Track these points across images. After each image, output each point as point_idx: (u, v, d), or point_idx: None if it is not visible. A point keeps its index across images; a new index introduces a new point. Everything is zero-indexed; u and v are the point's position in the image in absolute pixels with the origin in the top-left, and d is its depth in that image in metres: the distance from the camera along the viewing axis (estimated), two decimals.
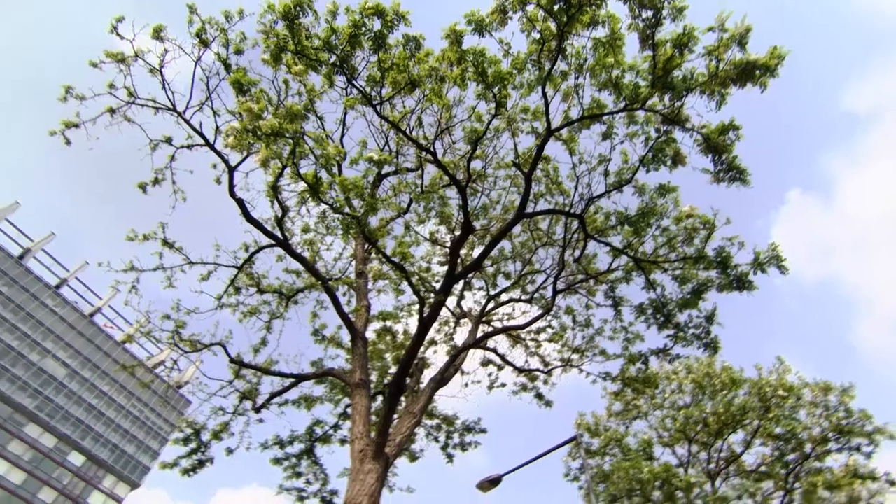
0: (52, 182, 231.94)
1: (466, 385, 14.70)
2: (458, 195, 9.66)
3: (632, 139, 9.91)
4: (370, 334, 12.38)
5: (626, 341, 12.58)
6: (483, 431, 14.68)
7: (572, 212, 10.81)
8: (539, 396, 14.51)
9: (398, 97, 9.13)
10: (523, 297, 14.61)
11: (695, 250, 10.34)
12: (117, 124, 9.03)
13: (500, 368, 14.81)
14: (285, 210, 9.61)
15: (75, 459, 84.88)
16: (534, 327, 14.27)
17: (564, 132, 10.28)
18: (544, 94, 8.92)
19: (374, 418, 10.26)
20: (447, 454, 14.46)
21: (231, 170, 9.09)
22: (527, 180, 9.61)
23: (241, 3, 8.99)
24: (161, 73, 8.84)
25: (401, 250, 9.49)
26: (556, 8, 8.04)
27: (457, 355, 12.08)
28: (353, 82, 8.68)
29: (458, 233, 11.53)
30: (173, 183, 9.40)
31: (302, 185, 9.07)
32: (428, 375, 12.63)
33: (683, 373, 20.49)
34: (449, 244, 12.95)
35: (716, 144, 8.81)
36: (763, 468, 19.98)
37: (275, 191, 8.93)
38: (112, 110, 9.00)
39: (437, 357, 14.28)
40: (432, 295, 10.86)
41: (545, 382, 14.61)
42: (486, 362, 14.96)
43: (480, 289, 15.19)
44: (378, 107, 8.88)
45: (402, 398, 11.28)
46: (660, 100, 8.85)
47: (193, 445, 11.15)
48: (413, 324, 13.37)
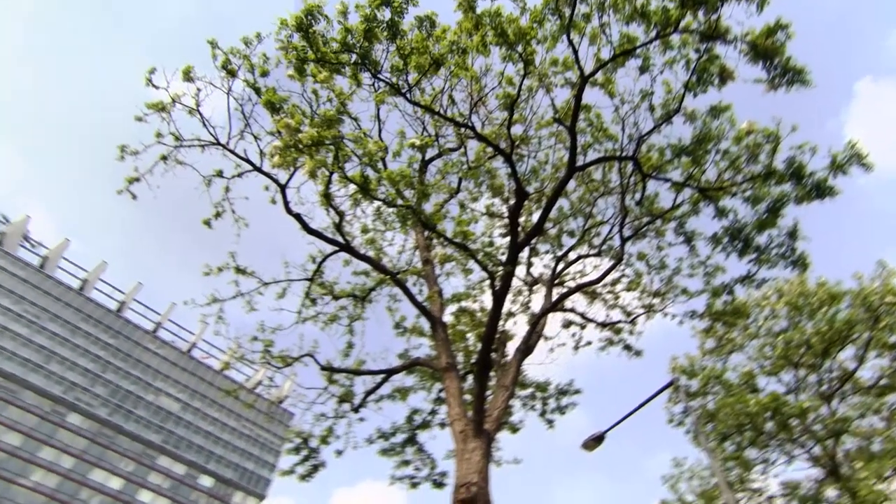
0: (121, 232, 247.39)
1: (552, 350, 14.63)
2: (506, 164, 9.53)
3: (671, 66, 9.39)
4: (448, 318, 12.52)
5: (707, 275, 12.09)
6: (577, 392, 14.59)
7: (624, 155, 10.43)
8: (627, 348, 14.25)
9: (425, 80, 9.07)
10: (591, 252, 14.31)
11: (762, 167, 9.73)
12: (171, 169, 9.48)
13: (583, 327, 14.62)
14: (341, 215, 9.83)
15: (205, 482, 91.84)
16: (608, 280, 13.97)
17: (599, 76, 9.89)
18: (570, 42, 8.60)
19: (467, 398, 10.42)
20: (546, 420, 14.50)
21: (283, 188, 9.37)
22: (571, 133, 9.34)
23: (256, 27, 9.17)
24: (199, 111, 9.19)
25: (460, 230, 9.50)
26: None
27: (536, 322, 12.02)
28: (379, 76, 8.70)
29: (512, 201, 11.41)
30: (233, 212, 9.80)
31: (352, 188, 9.23)
32: (512, 347, 12.65)
33: (775, 297, 19.46)
34: (506, 214, 12.84)
35: (764, 50, 8.19)
36: (884, 381, 18.76)
37: (327, 198, 9.13)
38: (164, 157, 9.45)
39: (517, 328, 14.30)
40: (500, 268, 10.83)
41: (631, 332, 14.32)
42: (567, 324, 14.80)
43: (547, 252, 14.99)
44: (407, 94, 8.86)
45: (492, 374, 11.37)
46: (693, 18, 8.33)
47: (305, 453, 11.74)
48: (487, 300, 13.41)
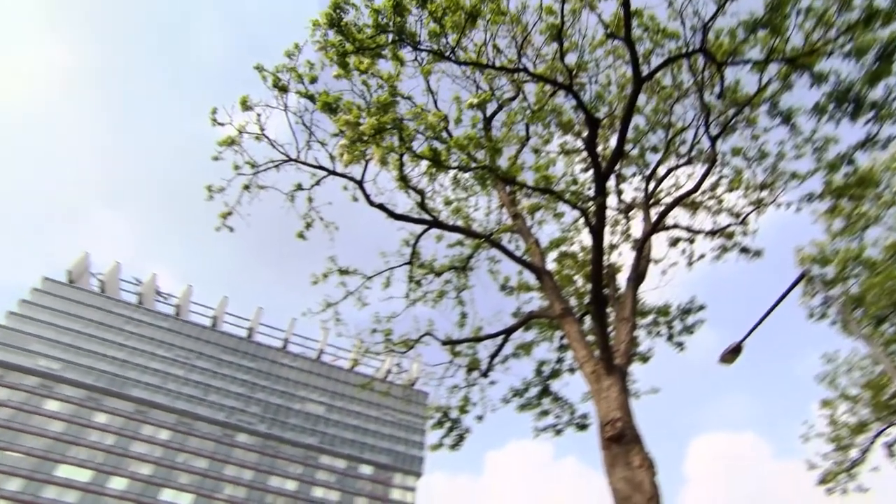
0: (230, 264, 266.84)
1: (664, 272, 14.04)
2: (568, 96, 9.14)
3: None
4: (551, 266, 12.39)
5: (817, 151, 10.95)
6: (701, 308, 13.96)
7: (691, 50, 9.62)
8: (744, 251, 13.36)
9: (465, 38, 8.87)
10: (681, 162, 13.46)
11: (860, 11, 8.56)
12: (255, 196, 10.03)
13: (691, 241, 13.89)
14: (422, 193, 9.97)
15: (366, 470, 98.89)
16: (706, 186, 13.10)
17: None
18: None
19: (590, 339, 10.31)
20: (675, 344, 14.03)
21: (360, 183, 9.64)
22: (628, 44, 8.75)
23: (292, 37, 9.38)
24: (265, 135, 9.61)
25: (541, 176, 9.30)
26: None
27: (641, 248, 11.59)
28: (419, 47, 8.61)
29: (585, 132, 10.96)
30: (321, 219, 10.24)
31: (424, 164, 9.30)
32: (623, 279, 12.30)
33: None
34: (583, 147, 12.37)
35: None
36: None
37: (404, 181, 9.28)
38: (247, 186, 10.00)
39: (623, 258, 13.85)
40: (590, 203, 10.50)
41: (744, 234, 13.39)
42: (674, 242, 14.13)
43: (634, 175, 14.31)
44: (451, 56, 8.72)
45: (609, 310, 11.15)
46: None
47: (448, 425, 12.23)
48: (586, 238, 13.10)
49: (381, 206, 9.78)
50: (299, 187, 10.04)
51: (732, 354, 10.56)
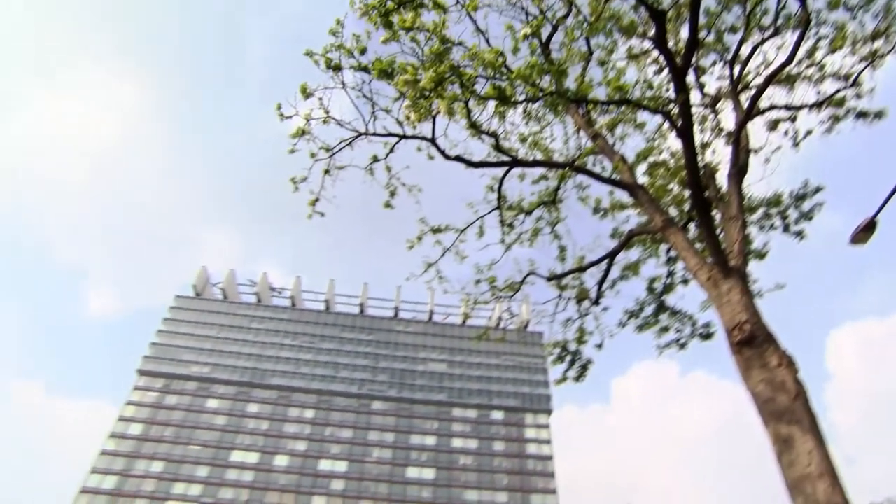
0: (327, 243, 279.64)
1: (768, 160, 12.88)
2: None
3: None
4: (643, 179, 11.81)
5: None
6: (819, 189, 12.69)
7: None
8: (861, 115, 11.82)
9: None
10: (767, 35, 12.08)
11: None
12: (335, 178, 10.33)
13: (794, 119, 12.54)
14: (495, 135, 9.80)
15: (497, 415, 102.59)
16: (801, 54, 11.69)
17: None
18: None
19: (699, 246, 9.80)
20: (794, 234, 12.94)
21: (432, 140, 9.64)
22: None
23: (332, 12, 9.39)
24: (331, 117, 9.81)
25: (613, 87, 8.78)
26: None
27: (737, 139, 10.69)
28: None
29: (651, 30, 10.15)
30: (403, 185, 10.40)
31: (491, 105, 9.11)
32: (724, 176, 11.48)
33: None
34: (652, 46, 11.49)
35: None
36: None
37: (475, 127, 9.15)
38: (327, 171, 10.33)
39: (719, 155, 12.86)
40: (672, 104, 9.81)
41: (858, 96, 11.85)
42: (773, 124, 12.85)
43: (714, 63, 13.09)
44: None
45: (714, 212, 10.51)
46: None
47: (568, 358, 12.26)
48: (675, 142, 12.31)
49: (458, 158, 9.74)
50: (375, 159, 10.21)
51: (865, 232, 9.55)
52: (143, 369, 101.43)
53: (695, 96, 12.95)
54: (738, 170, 10.31)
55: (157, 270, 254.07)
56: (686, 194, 12.30)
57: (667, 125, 10.04)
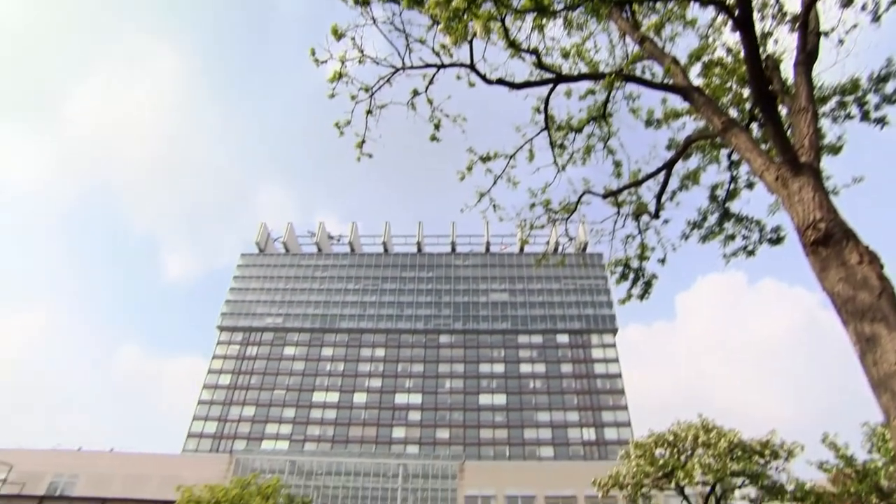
0: (379, 186, 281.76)
1: (841, 42, 11.67)
2: None
3: None
4: (698, 81, 11.05)
5: None
6: None
7: None
8: None
9: None
10: None
11: None
12: (377, 117, 10.22)
13: None
14: (536, 52, 9.33)
15: (562, 339, 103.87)
16: None
17: None
18: None
19: (764, 146, 9.18)
20: (874, 121, 11.84)
21: (471, 66, 9.31)
22: None
23: None
24: (366, 56, 9.60)
25: None
26: None
27: (804, 22, 9.70)
28: None
29: None
30: (447, 116, 10.19)
31: (529, 19, 8.63)
32: (789, 66, 10.55)
33: None
34: None
35: None
36: None
37: (514, 46, 8.73)
38: (369, 111, 10.22)
39: (783, 43, 11.76)
40: None
41: None
42: (847, 0, 11.56)
43: None
44: None
45: (780, 107, 9.75)
46: None
47: (631, 276, 12.06)
48: (731, 36, 11.36)
49: (500, 81, 9.38)
50: (415, 93, 10.01)
51: None
52: (222, 325, 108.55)
53: None
54: (807, 56, 9.44)
55: (222, 230, 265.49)
56: (747, 92, 11.46)
57: (722, 17, 9.24)
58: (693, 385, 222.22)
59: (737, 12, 7.99)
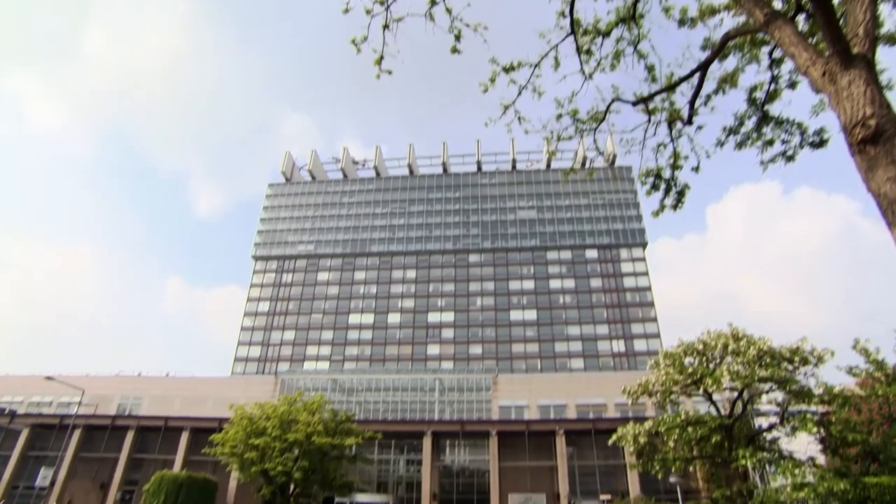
0: (400, 108, 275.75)
1: None
2: None
3: None
4: None
5: None
6: None
7: None
8: None
9: None
10: None
11: None
12: (395, 33, 9.73)
13: None
14: None
15: (591, 254, 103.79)
16: None
17: None
18: None
19: (810, 40, 8.49)
20: None
21: None
22: None
23: None
24: None
25: None
26: None
27: None
28: None
29: None
30: (467, 26, 9.63)
31: None
32: None
33: None
34: None
35: None
36: None
37: None
38: (385, 26, 9.73)
39: None
40: None
41: None
42: None
43: None
44: None
45: None
46: None
47: (663, 186, 11.69)
48: None
49: None
50: (433, 2, 9.46)
51: None
52: (256, 255, 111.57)
53: None
54: None
55: (247, 163, 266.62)
56: None
57: None
58: (724, 297, 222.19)
59: None
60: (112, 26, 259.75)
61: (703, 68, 10.36)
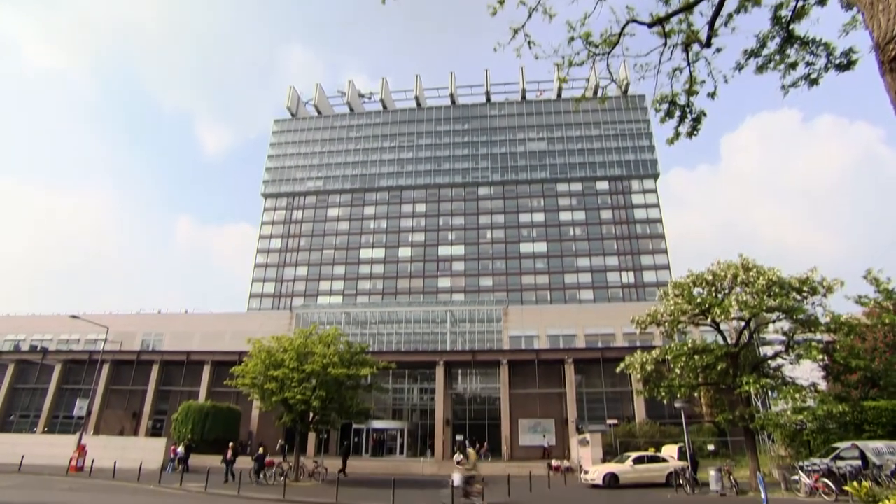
0: (405, 38, 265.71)
1: None
2: None
3: None
4: None
5: None
6: None
7: None
8: None
9: None
10: None
11: None
12: None
13: None
14: None
15: (602, 185, 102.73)
16: None
17: None
18: None
19: None
20: None
21: None
22: None
23: None
24: None
25: None
26: None
27: None
28: None
29: None
30: None
31: None
32: None
33: None
34: None
35: None
36: None
37: None
38: None
39: None
40: None
41: None
42: None
43: None
44: None
45: None
46: None
47: (678, 112, 11.26)
48: None
49: None
50: None
51: None
52: (266, 192, 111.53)
53: None
54: None
55: (252, 99, 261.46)
56: None
57: None
58: (737, 228, 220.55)
59: None
60: None
61: None
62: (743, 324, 27.50)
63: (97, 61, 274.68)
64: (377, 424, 54.00)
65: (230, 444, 29.65)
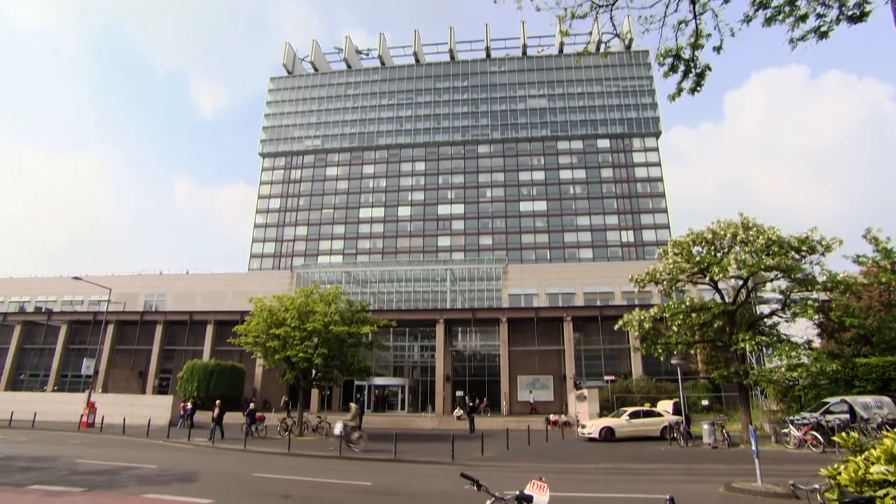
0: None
1: None
2: None
3: None
4: None
5: None
6: None
7: None
8: None
9: None
10: None
11: None
12: None
13: None
14: None
15: (603, 144, 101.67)
16: None
17: None
18: None
19: None
20: None
21: None
22: None
23: None
24: None
25: None
26: None
27: None
28: None
29: None
30: None
31: None
32: None
33: None
34: None
35: None
36: None
37: None
38: None
39: None
40: None
41: None
42: None
43: None
44: None
45: None
46: None
47: (682, 67, 11.00)
48: None
49: None
50: None
51: None
52: (263, 152, 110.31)
53: None
54: None
55: (247, 58, 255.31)
56: None
57: None
58: (739, 187, 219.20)
59: None
60: None
61: None
62: (741, 282, 27.67)
63: (84, 20, 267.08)
64: (379, 381, 55.10)
65: (217, 402, 29.60)
